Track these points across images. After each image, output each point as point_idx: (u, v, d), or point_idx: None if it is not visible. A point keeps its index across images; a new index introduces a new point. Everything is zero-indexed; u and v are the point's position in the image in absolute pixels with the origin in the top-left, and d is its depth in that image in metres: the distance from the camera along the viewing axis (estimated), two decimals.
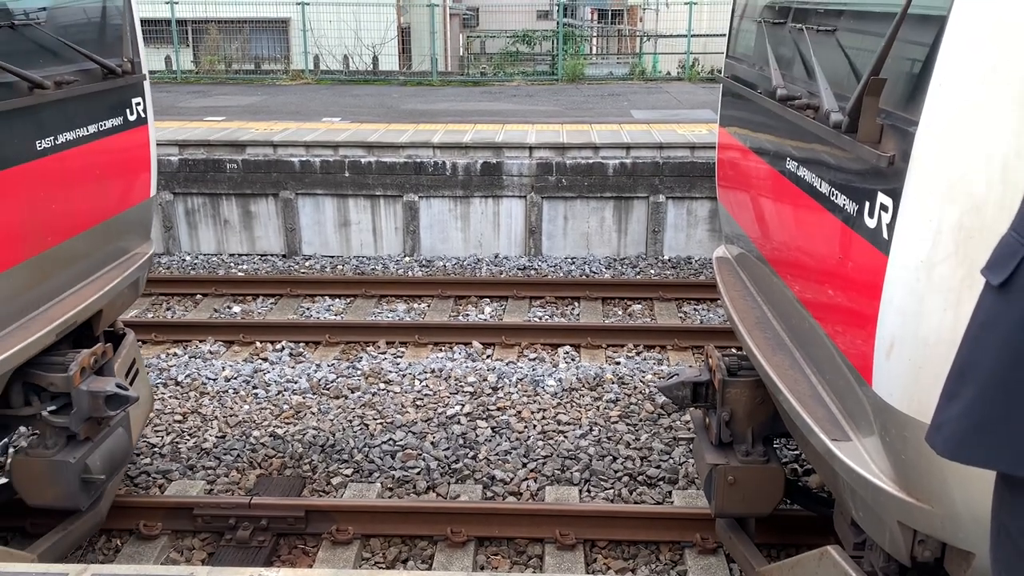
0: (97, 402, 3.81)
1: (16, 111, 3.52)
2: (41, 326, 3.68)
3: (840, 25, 3.05)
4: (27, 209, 3.66)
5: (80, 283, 4.11)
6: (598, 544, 4.35)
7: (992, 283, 1.41)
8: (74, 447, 3.88)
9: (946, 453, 1.46)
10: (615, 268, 9.16)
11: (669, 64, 20.04)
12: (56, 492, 3.85)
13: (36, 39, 3.76)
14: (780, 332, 3.62)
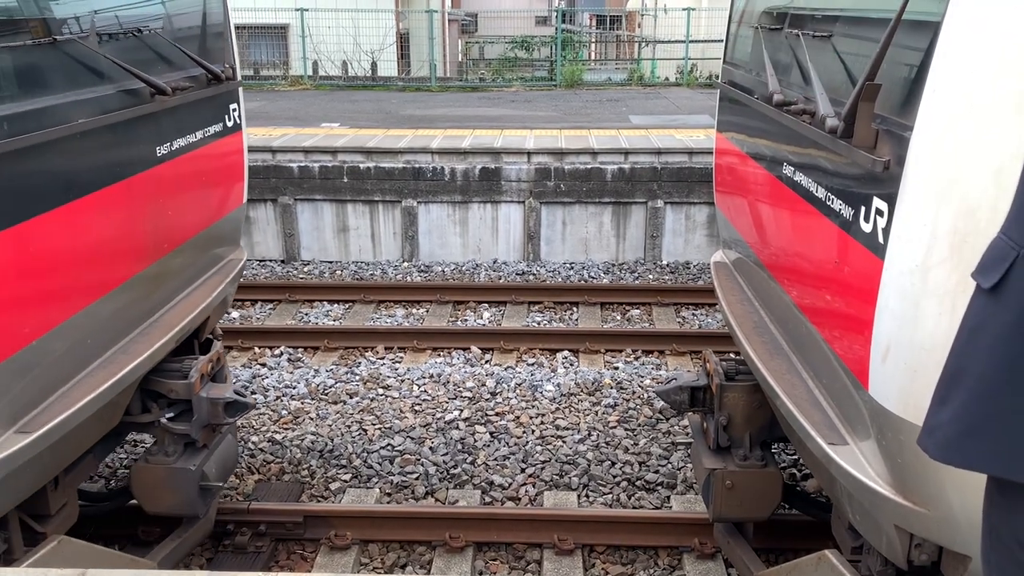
0: (216, 409, 3.79)
1: (141, 117, 3.55)
2: (162, 332, 3.67)
3: (836, 31, 3.07)
4: (149, 214, 3.69)
5: (187, 290, 4.13)
6: (596, 549, 4.35)
7: (983, 286, 1.41)
8: (192, 454, 3.85)
9: (938, 457, 1.46)
10: (613, 273, 9.17)
11: (667, 70, 20.09)
12: (176, 499, 3.82)
13: (153, 45, 3.78)
14: (777, 337, 3.63)
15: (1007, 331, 1.36)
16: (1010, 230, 1.41)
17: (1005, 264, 1.37)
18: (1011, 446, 1.37)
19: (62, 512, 3.40)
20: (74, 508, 3.52)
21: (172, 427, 3.77)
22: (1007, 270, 1.36)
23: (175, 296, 4.00)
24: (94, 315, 3.28)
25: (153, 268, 3.74)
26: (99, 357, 3.35)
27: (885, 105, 2.45)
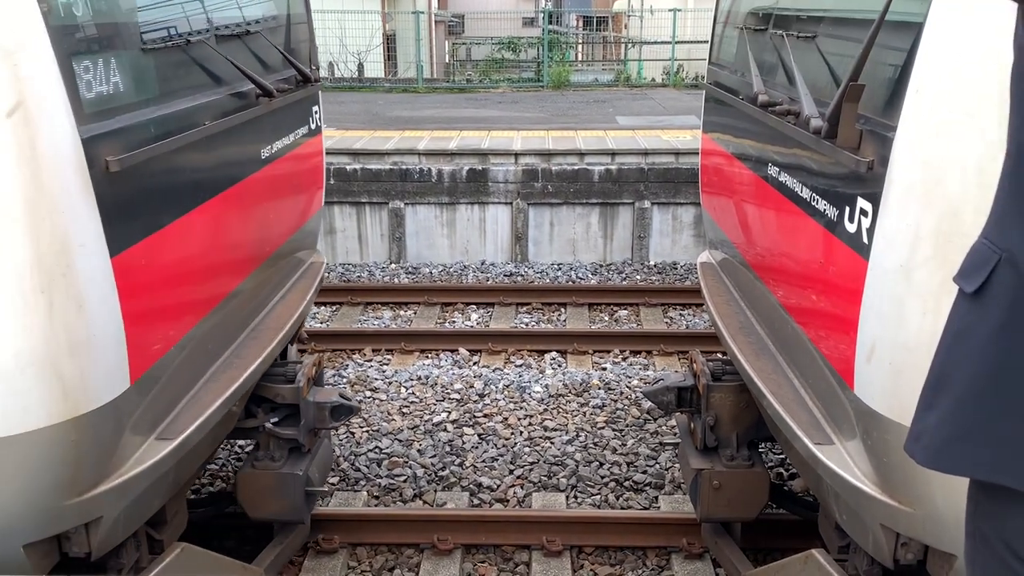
0: (323, 413, 3.76)
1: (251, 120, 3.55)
2: (270, 337, 3.64)
3: (820, 31, 3.08)
4: (257, 217, 3.70)
5: (279, 293, 4.10)
6: (585, 550, 4.34)
7: (966, 291, 1.41)
8: (297, 459, 3.80)
9: (926, 463, 1.47)
10: (601, 274, 9.18)
11: (654, 71, 20.13)
12: (282, 505, 3.77)
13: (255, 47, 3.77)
14: (764, 337, 3.64)
15: (991, 335, 1.36)
16: (991, 234, 1.41)
17: (987, 268, 1.37)
18: (999, 450, 1.37)
19: (175, 519, 3.36)
20: (184, 515, 3.47)
21: (279, 432, 3.72)
22: (989, 274, 1.36)
23: (271, 300, 3.98)
24: (214, 320, 3.28)
25: (259, 271, 3.74)
26: (215, 363, 3.33)
27: (869, 106, 2.46)
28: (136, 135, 2.65)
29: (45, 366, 2.31)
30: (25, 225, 2.21)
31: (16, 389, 2.29)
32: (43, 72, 2.24)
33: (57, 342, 2.32)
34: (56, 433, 2.36)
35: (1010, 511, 1.39)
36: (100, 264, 2.43)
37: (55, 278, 2.29)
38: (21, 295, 2.24)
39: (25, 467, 2.37)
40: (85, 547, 2.67)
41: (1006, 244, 1.36)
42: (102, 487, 2.57)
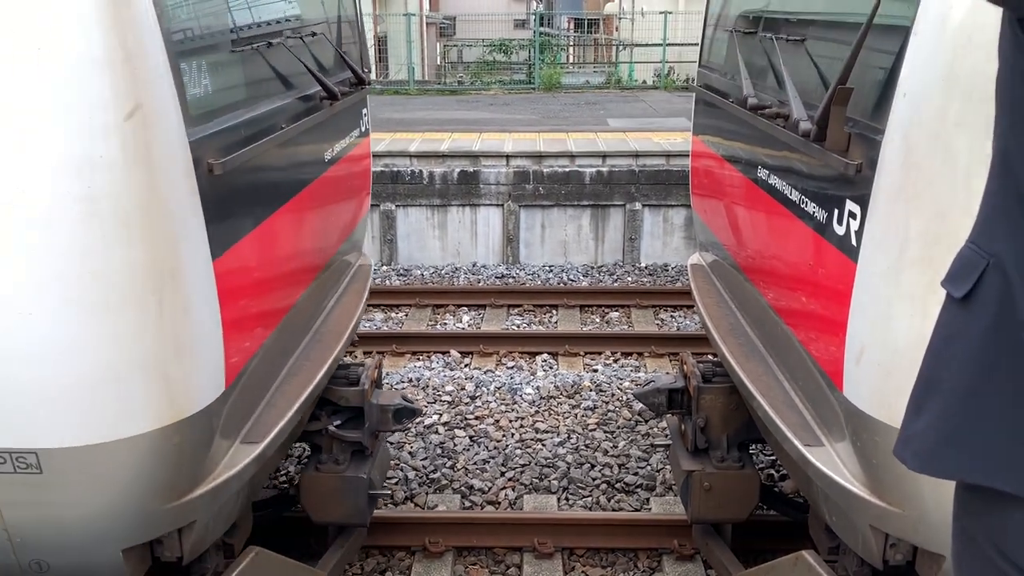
0: (386, 415, 3.75)
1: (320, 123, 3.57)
2: (335, 339, 3.63)
3: (809, 35, 3.09)
4: (321, 218, 3.71)
5: (335, 295, 4.09)
6: (576, 552, 4.35)
7: (954, 296, 1.42)
8: (360, 462, 3.78)
9: (916, 467, 1.47)
10: (592, 276, 9.19)
11: (645, 73, 20.17)
12: (346, 508, 3.75)
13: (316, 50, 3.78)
14: (754, 339, 3.65)
15: (980, 340, 1.36)
16: (978, 239, 1.42)
17: (975, 273, 1.37)
18: (988, 453, 1.37)
19: (244, 523, 3.33)
20: (250, 519, 3.45)
21: (344, 435, 3.70)
22: (977, 279, 1.37)
23: (328, 303, 3.97)
24: (286, 323, 3.29)
25: (322, 273, 3.74)
26: (284, 367, 3.33)
27: (857, 109, 2.47)
28: (230, 138, 2.66)
29: (154, 369, 2.31)
30: (140, 227, 2.21)
31: (125, 392, 2.28)
32: (158, 75, 2.24)
33: (165, 345, 2.31)
34: (160, 436, 2.35)
35: (997, 511, 1.40)
36: (204, 267, 2.44)
37: (165, 280, 2.28)
38: (134, 297, 2.23)
39: (129, 470, 2.35)
40: (177, 551, 2.66)
41: (993, 249, 1.37)
42: (198, 491, 2.56)
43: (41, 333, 2.17)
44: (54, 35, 2.07)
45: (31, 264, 2.14)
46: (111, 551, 2.48)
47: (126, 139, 2.15)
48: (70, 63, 2.09)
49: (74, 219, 2.13)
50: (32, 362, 2.19)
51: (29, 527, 2.42)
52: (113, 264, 2.18)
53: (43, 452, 2.26)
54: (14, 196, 2.09)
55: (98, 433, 2.27)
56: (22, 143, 2.09)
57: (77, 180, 2.11)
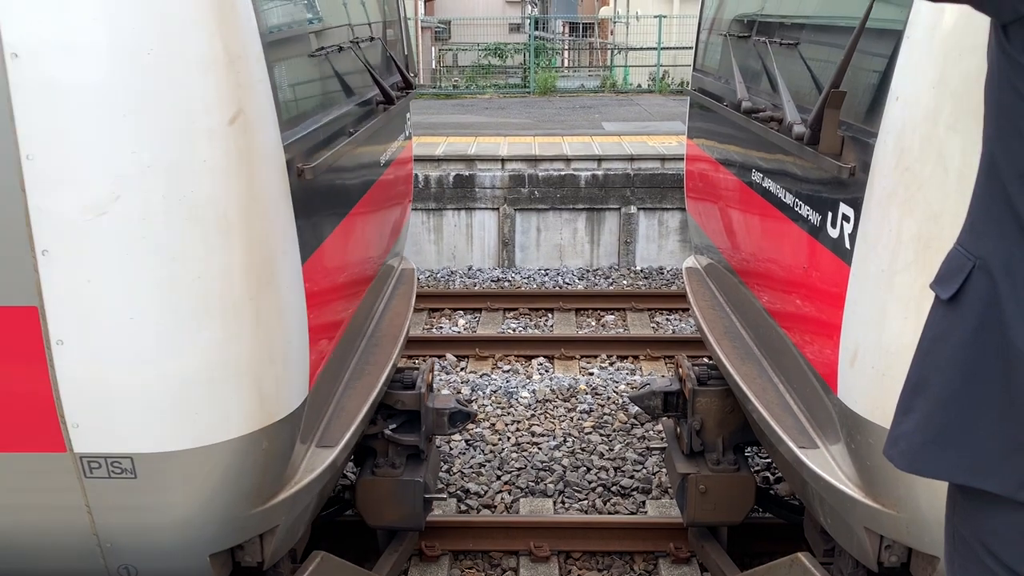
0: (441, 419, 3.74)
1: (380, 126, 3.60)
2: (391, 343, 3.63)
3: (802, 39, 3.10)
4: (379, 221, 3.75)
5: (384, 299, 4.10)
6: (572, 555, 4.35)
7: (941, 297, 1.43)
8: (416, 465, 3.75)
9: (904, 467, 1.48)
10: (588, 279, 9.20)
11: (640, 76, 20.21)
12: (402, 512, 3.73)
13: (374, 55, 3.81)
14: (748, 342, 3.66)
15: (966, 341, 1.38)
16: (965, 241, 1.43)
17: (962, 275, 1.39)
18: (974, 454, 1.39)
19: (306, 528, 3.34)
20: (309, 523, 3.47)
21: (400, 438, 3.68)
22: (964, 281, 1.38)
23: (378, 306, 3.97)
24: (351, 327, 3.30)
25: (377, 276, 3.76)
26: (346, 371, 3.33)
27: (850, 112, 2.48)
28: (311, 141, 2.67)
29: (248, 373, 2.31)
30: (240, 231, 2.21)
31: (220, 397, 2.28)
32: (258, 79, 2.24)
33: (260, 349, 2.31)
34: (251, 441, 2.35)
35: (987, 513, 1.41)
36: (295, 271, 2.44)
37: (262, 285, 2.29)
38: (232, 302, 2.23)
39: (220, 475, 2.35)
40: (258, 556, 2.65)
41: (980, 251, 1.38)
42: (281, 495, 2.56)
43: (141, 338, 2.17)
44: (162, 37, 2.05)
45: (132, 269, 2.13)
46: (199, 556, 2.48)
47: (228, 144, 2.15)
48: (176, 65, 2.08)
49: (176, 224, 2.12)
50: (131, 367, 2.18)
51: (119, 532, 2.40)
52: (213, 269, 2.18)
53: (138, 457, 2.25)
54: (115, 201, 2.07)
55: (193, 438, 2.27)
56: (125, 146, 2.07)
57: (180, 185, 2.11)
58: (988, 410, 1.36)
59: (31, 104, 2.01)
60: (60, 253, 2.10)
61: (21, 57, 1.99)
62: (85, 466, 2.28)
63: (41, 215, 2.07)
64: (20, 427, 2.27)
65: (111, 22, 2.02)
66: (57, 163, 2.05)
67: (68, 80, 2.02)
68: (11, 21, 1.97)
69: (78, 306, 2.14)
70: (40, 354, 2.17)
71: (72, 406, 2.21)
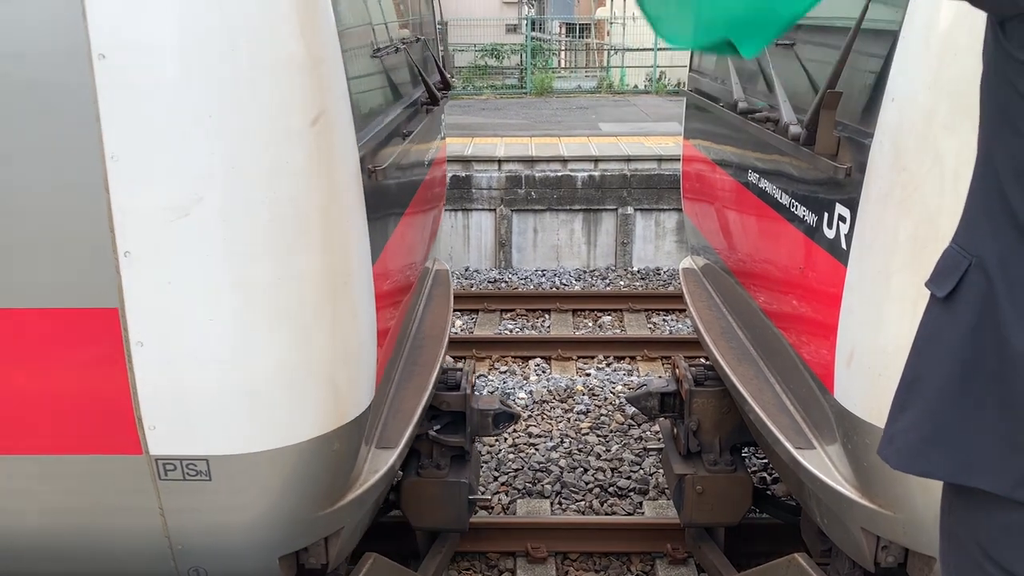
0: (486, 420, 3.73)
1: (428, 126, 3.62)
2: (436, 344, 3.63)
3: (798, 39, 3.10)
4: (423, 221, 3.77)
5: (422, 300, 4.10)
6: (570, 556, 4.34)
7: (937, 295, 1.43)
8: (460, 467, 3.74)
9: (898, 466, 1.48)
10: (585, 280, 9.20)
11: (636, 77, 20.22)
12: (447, 513, 3.71)
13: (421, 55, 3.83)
14: (745, 342, 3.66)
15: (961, 339, 1.38)
16: (961, 239, 1.43)
17: (958, 273, 1.39)
18: (968, 452, 1.38)
19: None
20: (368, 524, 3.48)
21: (446, 439, 3.67)
22: (960, 279, 1.38)
23: (417, 307, 3.97)
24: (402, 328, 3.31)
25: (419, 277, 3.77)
26: (396, 372, 3.33)
27: (846, 113, 2.48)
28: (375, 142, 2.67)
29: (323, 374, 2.31)
30: (319, 233, 2.21)
31: (296, 398, 2.28)
32: (337, 80, 2.24)
33: (335, 350, 2.31)
34: (323, 443, 2.34)
35: (982, 512, 1.41)
36: (367, 272, 2.45)
37: (338, 287, 2.29)
38: (310, 303, 2.23)
39: (293, 477, 2.34)
40: (322, 559, 2.65)
41: (976, 250, 1.39)
42: (348, 497, 2.56)
43: (220, 340, 2.16)
44: (248, 38, 2.05)
45: (214, 270, 2.12)
46: (268, 558, 2.47)
47: (310, 145, 2.14)
48: (262, 66, 2.07)
49: (258, 226, 2.12)
50: (209, 368, 2.18)
51: (191, 534, 2.40)
52: (292, 271, 2.18)
53: (214, 459, 2.25)
54: (198, 202, 2.07)
55: (268, 439, 2.27)
56: (209, 147, 2.06)
57: (263, 186, 2.10)
58: (983, 409, 1.36)
59: (117, 105, 2.01)
60: (142, 255, 2.09)
61: (108, 58, 1.98)
62: (160, 468, 2.27)
63: (124, 217, 2.07)
64: (96, 429, 2.26)
65: (197, 23, 2.01)
66: (141, 164, 2.05)
67: (154, 81, 2.01)
68: (99, 22, 1.97)
69: (158, 308, 2.14)
70: (120, 356, 2.16)
71: (149, 408, 2.21)
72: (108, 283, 2.11)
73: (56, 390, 2.23)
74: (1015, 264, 1.33)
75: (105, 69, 1.99)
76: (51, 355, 2.20)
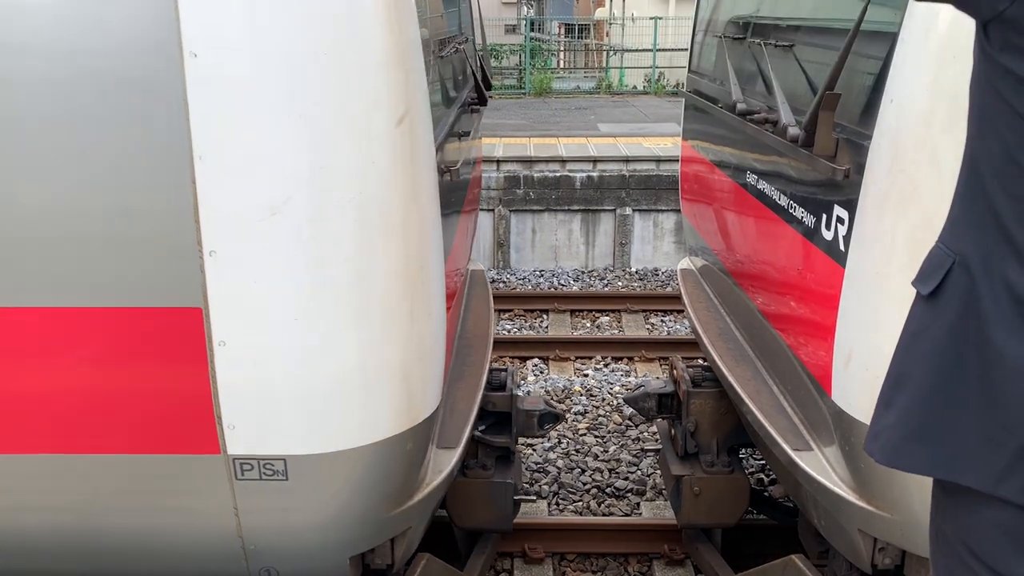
0: (531, 420, 3.73)
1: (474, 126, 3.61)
2: (483, 345, 3.62)
3: (797, 40, 3.10)
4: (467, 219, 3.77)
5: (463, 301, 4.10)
6: (567, 557, 4.34)
7: (922, 293, 1.45)
8: (505, 467, 3.73)
9: (883, 461, 1.49)
10: (583, 280, 9.20)
11: (635, 78, 20.22)
12: (493, 514, 3.70)
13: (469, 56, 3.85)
14: (743, 343, 3.66)
15: (945, 335, 1.39)
16: (946, 238, 1.45)
17: (942, 271, 1.41)
18: (952, 449, 1.39)
19: None
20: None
21: (493, 440, 3.67)
22: (944, 277, 1.40)
23: (460, 306, 3.98)
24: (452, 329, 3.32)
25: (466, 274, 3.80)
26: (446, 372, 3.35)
27: (845, 114, 2.48)
28: (443, 142, 2.69)
29: (400, 374, 2.30)
30: (401, 233, 2.21)
31: (373, 398, 2.28)
32: (420, 80, 2.24)
33: (411, 350, 2.31)
34: (398, 442, 2.34)
35: (965, 510, 1.42)
36: (440, 272, 2.45)
37: (416, 286, 2.29)
38: (390, 303, 2.23)
39: (367, 476, 2.34)
40: (388, 559, 2.64)
41: (960, 248, 1.40)
42: (416, 497, 2.55)
43: (303, 339, 2.16)
44: (339, 38, 2.04)
45: (299, 270, 2.12)
46: (340, 559, 2.47)
47: (395, 145, 2.14)
48: (352, 66, 2.07)
49: (344, 226, 2.12)
50: (290, 368, 2.18)
51: (265, 535, 2.39)
52: (375, 270, 2.18)
53: (291, 458, 2.24)
54: (286, 202, 2.06)
55: (346, 439, 2.26)
56: (299, 147, 2.05)
57: (350, 186, 2.10)
58: (967, 405, 1.37)
59: (206, 104, 2.00)
60: (228, 254, 2.09)
61: (200, 56, 1.97)
62: (237, 468, 2.27)
63: (211, 216, 2.06)
64: (175, 429, 2.25)
65: (290, 23, 2.01)
66: (229, 163, 2.04)
67: (244, 80, 2.01)
68: (191, 21, 1.96)
69: (242, 307, 2.13)
70: (202, 356, 2.16)
71: (229, 408, 2.20)
72: (192, 282, 2.10)
73: (137, 390, 2.22)
74: (997, 263, 1.34)
75: (196, 67, 1.98)
76: (133, 355, 2.20)
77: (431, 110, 2.38)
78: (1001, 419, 1.33)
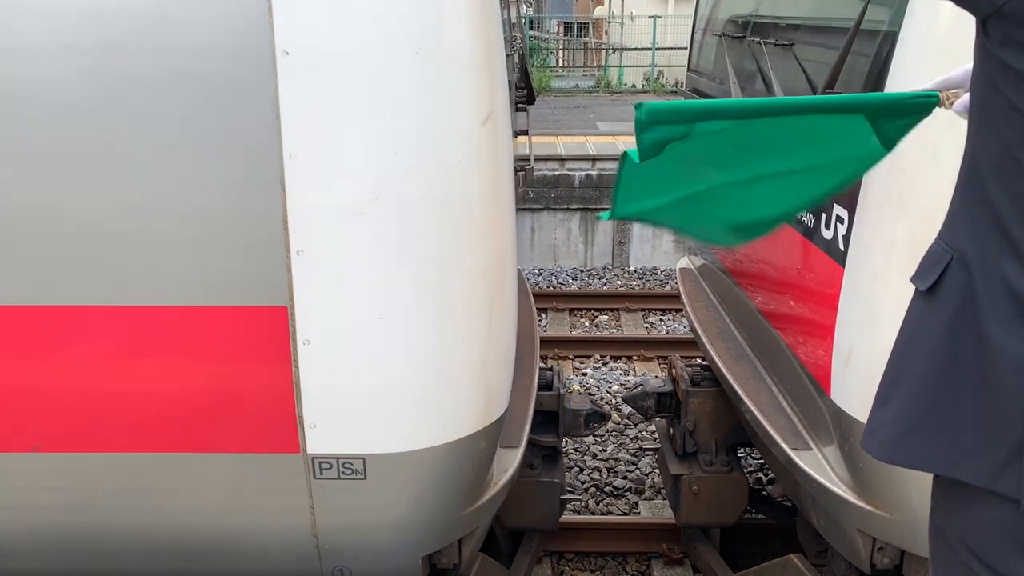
0: (578, 420, 3.72)
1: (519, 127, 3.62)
2: (530, 344, 3.61)
3: (797, 39, 3.10)
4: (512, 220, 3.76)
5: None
6: (566, 556, 4.34)
7: (920, 289, 1.45)
8: (551, 466, 3.72)
9: (880, 456, 1.49)
10: (582, 279, 9.20)
11: (634, 77, 20.22)
12: (540, 513, 3.69)
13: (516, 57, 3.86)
14: (742, 343, 3.65)
15: (942, 331, 1.39)
16: (944, 235, 1.45)
17: (940, 267, 1.41)
18: (949, 444, 1.39)
19: None
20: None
21: (541, 440, 3.65)
22: (941, 273, 1.40)
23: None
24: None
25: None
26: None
27: None
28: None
29: (479, 374, 2.31)
30: (483, 232, 2.21)
31: (453, 397, 2.27)
32: (502, 80, 2.24)
33: (489, 350, 2.32)
34: (472, 441, 2.34)
35: (963, 507, 1.42)
36: (514, 271, 2.44)
37: (495, 288, 2.29)
38: (473, 303, 2.24)
39: (444, 476, 2.34)
40: (454, 559, 2.63)
41: (958, 244, 1.40)
42: (485, 496, 2.55)
43: (387, 339, 2.16)
44: (430, 37, 2.04)
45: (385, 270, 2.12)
46: (412, 558, 2.46)
47: (480, 144, 2.14)
48: (442, 66, 2.06)
49: (430, 225, 2.11)
50: (373, 367, 2.18)
51: (340, 533, 2.38)
52: (458, 270, 2.18)
53: (370, 457, 2.24)
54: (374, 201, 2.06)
55: (425, 438, 2.26)
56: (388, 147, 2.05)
57: (437, 185, 2.09)
58: (964, 401, 1.38)
59: (298, 103, 2.00)
60: (314, 253, 2.08)
61: (292, 56, 1.97)
62: (316, 467, 2.26)
63: (298, 215, 2.06)
64: (257, 428, 2.25)
65: (381, 23, 2.01)
66: (319, 163, 2.03)
67: (336, 80, 2.01)
68: (284, 20, 1.96)
69: (327, 306, 2.13)
70: (286, 355, 2.15)
71: (311, 407, 2.20)
72: (279, 281, 2.10)
73: (221, 388, 2.22)
74: (995, 260, 1.34)
75: (288, 67, 1.97)
76: (219, 354, 2.19)
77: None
78: (998, 415, 1.33)
